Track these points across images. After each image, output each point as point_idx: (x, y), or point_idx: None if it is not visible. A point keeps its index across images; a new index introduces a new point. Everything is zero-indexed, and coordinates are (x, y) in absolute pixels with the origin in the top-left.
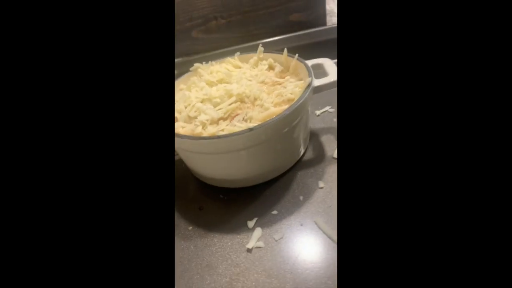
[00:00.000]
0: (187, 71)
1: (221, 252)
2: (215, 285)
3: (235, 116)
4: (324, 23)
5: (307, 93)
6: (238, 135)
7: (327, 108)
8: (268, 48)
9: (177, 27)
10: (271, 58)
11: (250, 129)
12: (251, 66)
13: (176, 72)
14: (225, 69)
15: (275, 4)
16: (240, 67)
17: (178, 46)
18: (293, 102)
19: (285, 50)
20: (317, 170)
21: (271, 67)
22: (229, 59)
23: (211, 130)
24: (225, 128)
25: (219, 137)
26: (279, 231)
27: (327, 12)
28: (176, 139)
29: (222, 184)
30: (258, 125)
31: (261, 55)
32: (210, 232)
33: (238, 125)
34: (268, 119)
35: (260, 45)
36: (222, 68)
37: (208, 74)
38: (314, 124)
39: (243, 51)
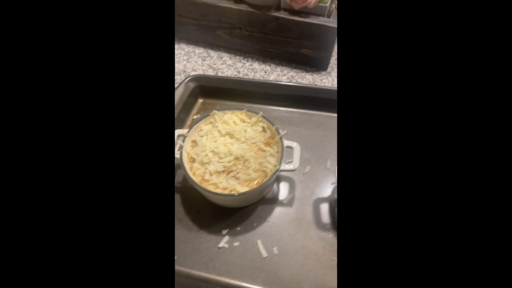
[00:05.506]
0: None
1: (205, 244)
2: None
3: (230, 172)
4: (326, 67)
5: (274, 176)
6: (227, 196)
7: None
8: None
9: (204, 22)
10: (265, 124)
11: (233, 195)
12: (252, 124)
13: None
14: (233, 122)
15: (292, 36)
16: (244, 121)
17: (203, 36)
18: (266, 179)
19: (275, 127)
20: (269, 208)
21: (264, 130)
22: (237, 112)
23: (214, 180)
24: (223, 181)
25: (217, 194)
26: (238, 240)
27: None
28: (196, 186)
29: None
30: (239, 194)
31: (260, 119)
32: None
33: (231, 183)
34: (248, 189)
35: (261, 112)
36: (231, 119)
37: (221, 123)
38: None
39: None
